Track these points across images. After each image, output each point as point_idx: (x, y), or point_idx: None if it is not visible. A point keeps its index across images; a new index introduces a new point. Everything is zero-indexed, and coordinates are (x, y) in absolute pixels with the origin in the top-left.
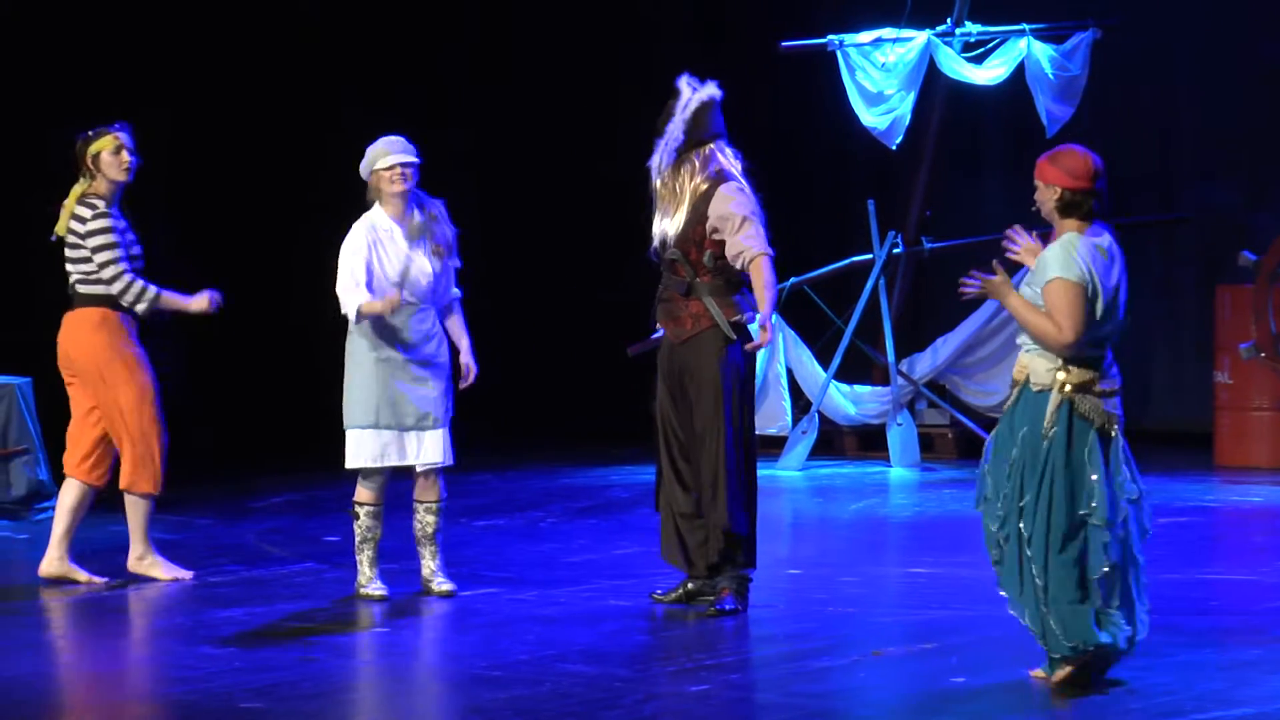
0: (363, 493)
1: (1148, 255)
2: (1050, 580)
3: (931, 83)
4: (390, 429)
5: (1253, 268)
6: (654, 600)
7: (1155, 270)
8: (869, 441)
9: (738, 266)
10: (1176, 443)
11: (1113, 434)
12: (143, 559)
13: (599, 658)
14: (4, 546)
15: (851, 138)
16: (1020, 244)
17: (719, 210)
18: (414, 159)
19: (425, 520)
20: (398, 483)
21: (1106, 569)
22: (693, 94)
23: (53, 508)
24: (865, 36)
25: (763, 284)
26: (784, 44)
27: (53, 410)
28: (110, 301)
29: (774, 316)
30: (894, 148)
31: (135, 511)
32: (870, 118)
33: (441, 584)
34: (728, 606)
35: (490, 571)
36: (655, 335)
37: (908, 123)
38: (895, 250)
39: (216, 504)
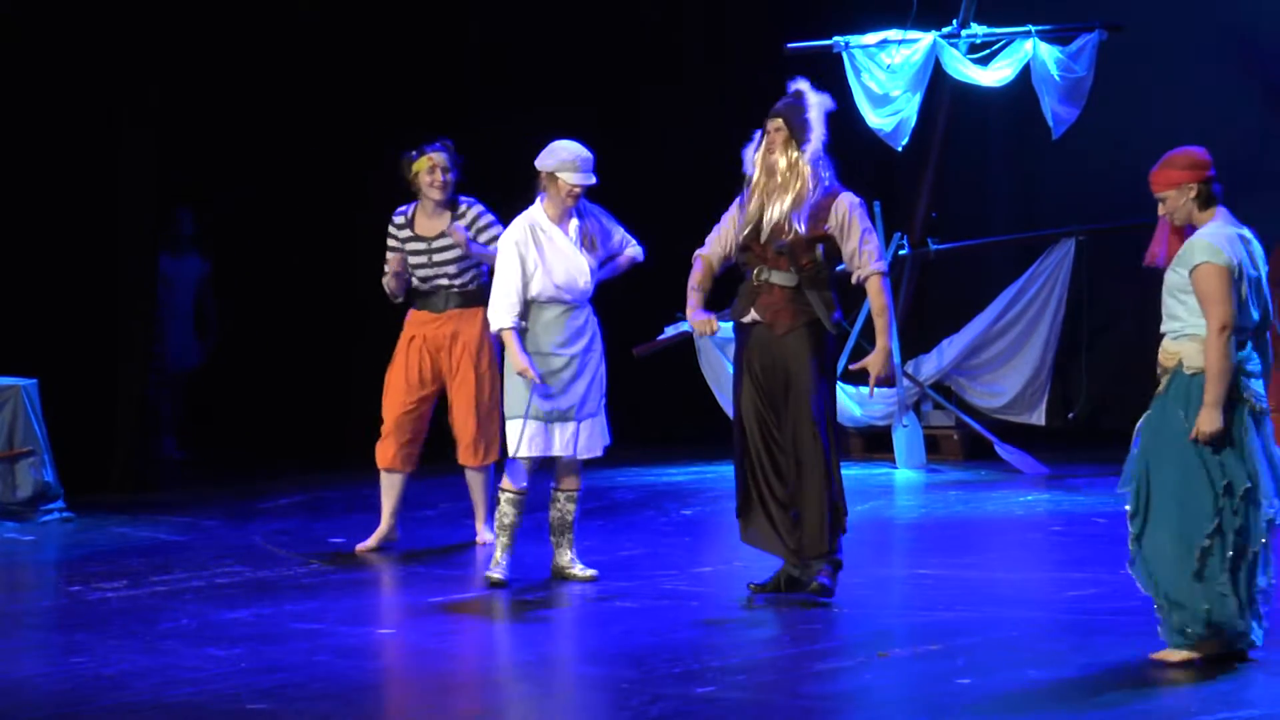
0: (509, 480)
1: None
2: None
3: (937, 84)
4: (538, 420)
5: None
6: (751, 591)
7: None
8: (875, 443)
9: (852, 274)
10: None
11: (1260, 414)
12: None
13: (605, 659)
14: (10, 548)
15: (857, 139)
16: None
17: (842, 216)
18: (593, 182)
19: (565, 508)
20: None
21: (1265, 541)
22: (819, 99)
23: (58, 509)
24: (871, 38)
25: (880, 305)
26: (789, 45)
27: (58, 412)
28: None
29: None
30: (899, 149)
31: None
32: (876, 119)
33: (583, 570)
34: (828, 583)
35: None
36: (663, 336)
37: (913, 124)
38: (901, 252)
39: (224, 505)
